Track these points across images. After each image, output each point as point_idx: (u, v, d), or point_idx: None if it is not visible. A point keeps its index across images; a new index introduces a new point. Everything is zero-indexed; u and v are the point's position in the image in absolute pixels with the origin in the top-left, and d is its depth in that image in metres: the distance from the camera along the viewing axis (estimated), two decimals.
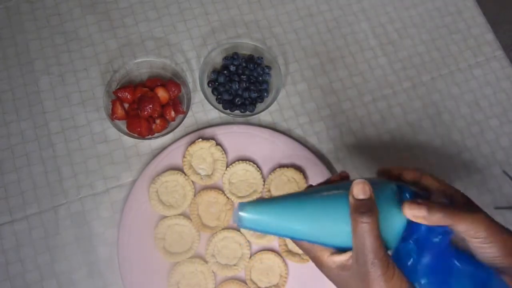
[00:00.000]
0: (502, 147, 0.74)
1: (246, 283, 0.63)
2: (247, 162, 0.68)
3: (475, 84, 0.77)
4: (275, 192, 0.67)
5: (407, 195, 0.42)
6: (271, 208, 0.42)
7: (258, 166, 0.69)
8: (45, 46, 0.74)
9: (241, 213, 0.41)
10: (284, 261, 0.65)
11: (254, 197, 0.67)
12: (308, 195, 0.43)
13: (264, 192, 0.68)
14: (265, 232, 0.45)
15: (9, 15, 0.76)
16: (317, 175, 0.68)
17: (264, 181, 0.68)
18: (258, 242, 0.65)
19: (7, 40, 0.74)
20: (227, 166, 0.68)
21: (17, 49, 0.74)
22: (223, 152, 0.69)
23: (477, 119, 0.75)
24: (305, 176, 0.68)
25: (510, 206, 0.70)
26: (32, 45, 0.74)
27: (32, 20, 0.76)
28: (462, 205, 0.43)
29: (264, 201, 0.43)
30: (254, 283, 0.63)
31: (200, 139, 0.68)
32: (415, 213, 0.39)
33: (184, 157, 0.68)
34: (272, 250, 0.65)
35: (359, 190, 0.40)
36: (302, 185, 0.67)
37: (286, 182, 0.68)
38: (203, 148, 0.68)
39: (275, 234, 0.44)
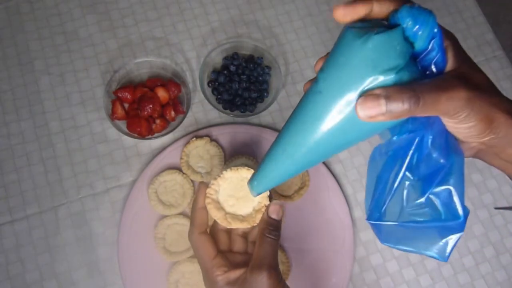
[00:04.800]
0: None
1: None
2: (247, 156, 0.68)
3: None
4: None
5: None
6: (271, 168, 0.42)
7: (257, 161, 0.69)
8: (45, 46, 0.74)
9: (253, 190, 0.43)
10: (284, 249, 0.65)
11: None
12: (284, 136, 0.41)
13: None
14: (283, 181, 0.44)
15: (9, 15, 0.76)
16: (317, 175, 0.68)
17: None
18: None
19: (7, 40, 0.74)
20: (225, 161, 0.68)
21: (17, 49, 0.74)
22: (219, 147, 0.69)
23: None
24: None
25: (510, 206, 0.70)
26: (32, 45, 0.74)
27: (32, 20, 0.76)
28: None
29: (262, 166, 0.43)
30: None
31: (194, 138, 0.68)
32: (369, 113, 0.29)
33: (181, 158, 0.68)
34: None
35: (273, 211, 0.46)
36: (306, 179, 0.68)
37: None
38: (198, 147, 0.68)
39: (292, 176, 0.43)
